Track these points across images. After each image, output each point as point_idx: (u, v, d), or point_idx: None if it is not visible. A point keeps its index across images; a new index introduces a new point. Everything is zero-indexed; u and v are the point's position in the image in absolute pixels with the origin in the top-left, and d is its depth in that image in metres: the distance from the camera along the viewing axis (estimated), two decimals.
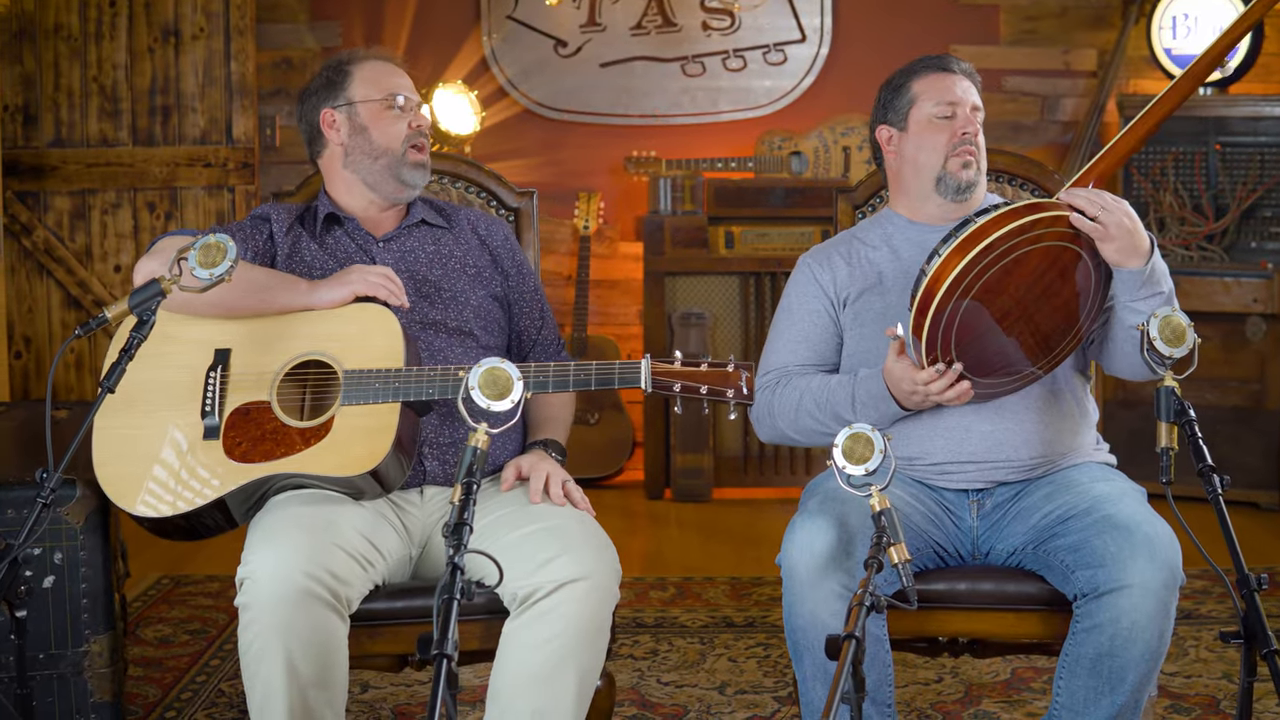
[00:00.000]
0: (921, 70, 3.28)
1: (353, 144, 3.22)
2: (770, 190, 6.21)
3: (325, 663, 2.77)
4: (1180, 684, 3.95)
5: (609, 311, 6.75)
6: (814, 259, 3.34)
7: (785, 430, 3.21)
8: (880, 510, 2.59)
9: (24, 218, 6.23)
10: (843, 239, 3.38)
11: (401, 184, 3.22)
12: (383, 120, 3.21)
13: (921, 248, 3.19)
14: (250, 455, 2.91)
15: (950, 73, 3.26)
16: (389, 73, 3.27)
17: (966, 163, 3.21)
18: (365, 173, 3.22)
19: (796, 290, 3.32)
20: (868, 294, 3.24)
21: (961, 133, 3.21)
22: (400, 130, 3.21)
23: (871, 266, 3.27)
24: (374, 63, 3.28)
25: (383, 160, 3.21)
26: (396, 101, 3.21)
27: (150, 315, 2.73)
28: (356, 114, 3.22)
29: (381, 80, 3.24)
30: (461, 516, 2.44)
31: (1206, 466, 2.64)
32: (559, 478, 3.05)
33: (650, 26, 6.64)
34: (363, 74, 3.25)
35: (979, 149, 3.24)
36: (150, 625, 4.49)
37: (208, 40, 6.29)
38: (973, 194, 3.24)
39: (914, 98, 3.25)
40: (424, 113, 3.27)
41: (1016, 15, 6.65)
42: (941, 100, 3.24)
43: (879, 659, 2.93)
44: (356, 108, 3.22)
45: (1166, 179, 5.89)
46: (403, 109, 3.21)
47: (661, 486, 6.19)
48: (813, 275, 3.31)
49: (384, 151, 3.20)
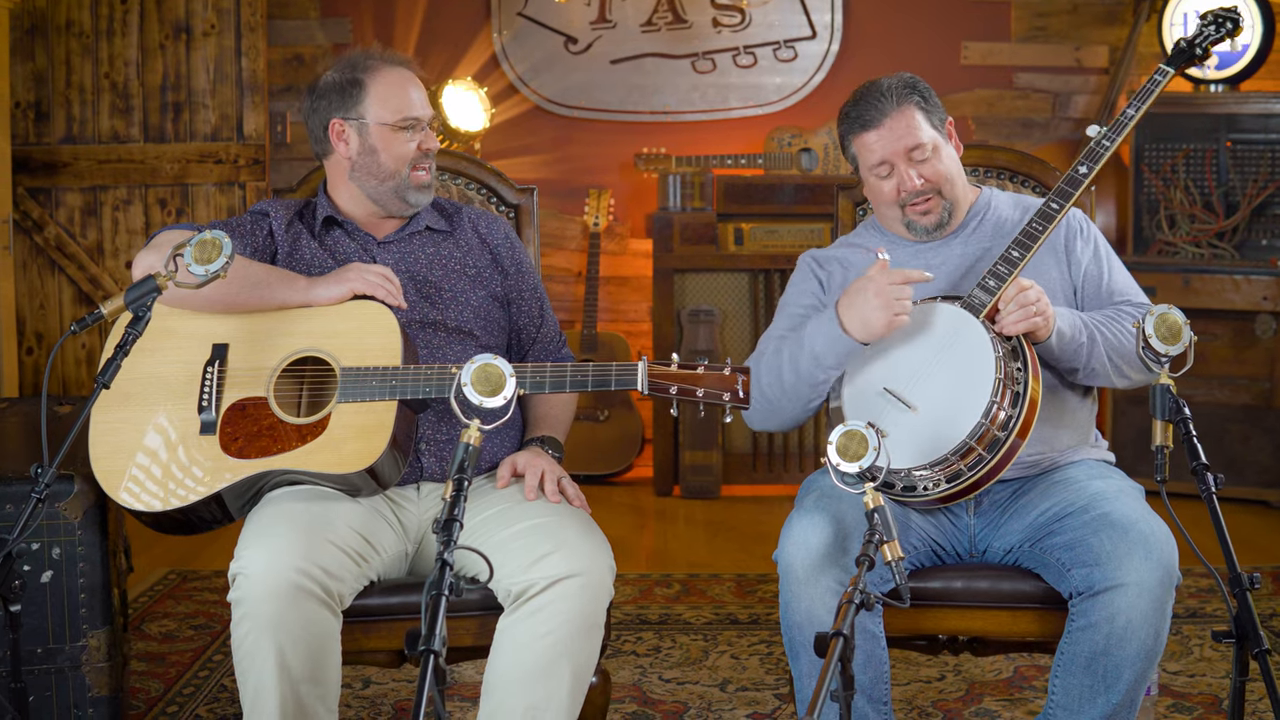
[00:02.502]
0: (848, 130, 3.20)
1: (360, 161, 3.20)
2: (780, 187, 6.20)
3: (317, 658, 2.78)
4: (1184, 683, 3.93)
5: (619, 308, 6.75)
6: (815, 257, 3.35)
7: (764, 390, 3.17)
8: (874, 508, 2.59)
9: (36, 214, 6.25)
10: (842, 243, 3.38)
11: (405, 203, 3.22)
12: (393, 143, 3.18)
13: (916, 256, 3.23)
14: (246, 451, 2.92)
15: (869, 130, 3.15)
16: (403, 87, 3.20)
17: (925, 210, 3.19)
18: (370, 190, 3.21)
19: (794, 285, 3.34)
20: None
21: (903, 191, 3.17)
22: (408, 152, 3.18)
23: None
24: (389, 74, 3.20)
25: (389, 182, 3.19)
26: (409, 124, 3.18)
27: (146, 311, 2.75)
28: (368, 132, 3.18)
29: (396, 99, 3.18)
30: (452, 513, 2.45)
31: (1200, 465, 2.62)
32: (554, 475, 3.06)
33: (661, 23, 6.64)
34: (377, 89, 3.18)
35: (936, 186, 3.17)
36: (155, 620, 4.50)
37: (219, 37, 6.30)
38: (950, 221, 3.22)
39: (854, 155, 3.23)
40: (433, 127, 3.24)
41: (1028, 12, 6.63)
42: (872, 164, 3.18)
43: (875, 656, 2.93)
44: (369, 126, 3.18)
45: (1177, 176, 5.87)
46: (414, 130, 3.19)
47: (670, 483, 6.19)
48: (811, 272, 3.32)
49: (391, 174, 3.19)
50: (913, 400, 2.98)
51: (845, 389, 3.08)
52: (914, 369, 3.01)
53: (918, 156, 3.15)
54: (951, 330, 3.00)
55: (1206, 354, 5.80)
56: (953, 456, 2.91)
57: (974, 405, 2.90)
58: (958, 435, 2.90)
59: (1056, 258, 3.21)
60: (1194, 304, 5.70)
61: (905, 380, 3.00)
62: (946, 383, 2.97)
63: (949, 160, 3.20)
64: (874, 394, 3.02)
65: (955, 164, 3.22)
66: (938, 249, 3.24)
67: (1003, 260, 3.02)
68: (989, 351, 2.93)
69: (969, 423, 2.89)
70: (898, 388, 3.00)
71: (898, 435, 2.93)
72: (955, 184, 3.21)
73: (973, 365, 2.94)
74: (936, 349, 3.00)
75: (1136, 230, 5.98)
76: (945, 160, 3.19)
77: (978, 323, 2.97)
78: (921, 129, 3.15)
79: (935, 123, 3.18)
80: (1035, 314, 2.96)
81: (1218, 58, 5.99)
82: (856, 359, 3.06)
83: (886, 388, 3.01)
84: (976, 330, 2.97)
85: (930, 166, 3.16)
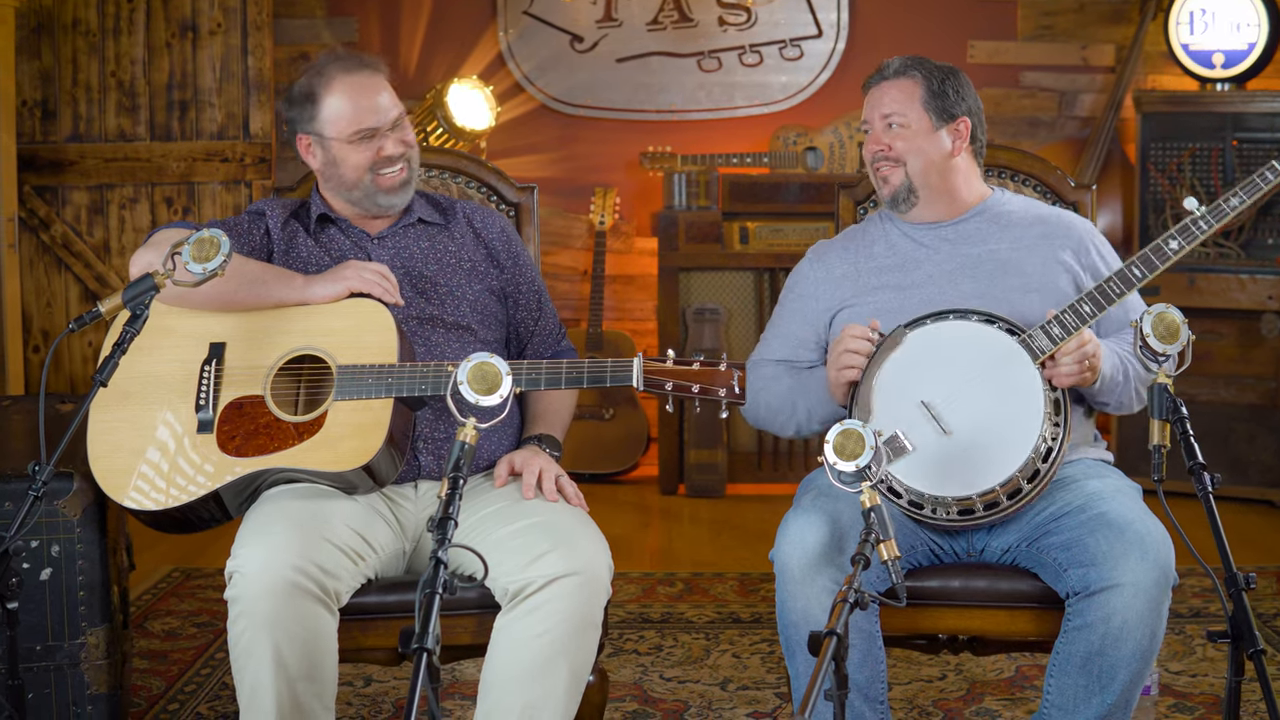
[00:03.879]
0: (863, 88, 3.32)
1: (326, 172, 3.21)
2: (785, 186, 6.19)
3: (313, 656, 2.78)
4: (1186, 683, 3.92)
5: (625, 307, 6.75)
6: (814, 255, 3.36)
7: (754, 409, 3.28)
8: (870, 507, 2.59)
9: (42, 212, 6.26)
10: (848, 234, 3.38)
11: (379, 206, 3.21)
12: (350, 154, 3.15)
13: (916, 242, 3.24)
14: (243, 449, 2.93)
15: (869, 89, 3.28)
16: (356, 97, 3.15)
17: (884, 178, 3.24)
18: (343, 196, 3.22)
19: (789, 288, 3.37)
20: (866, 289, 3.24)
21: (867, 150, 3.26)
22: (365, 160, 3.15)
23: (870, 262, 3.27)
24: (342, 83, 3.15)
25: (355, 191, 3.19)
26: (363, 135, 3.14)
27: (144, 310, 2.77)
28: (328, 146, 3.17)
29: (349, 111, 3.14)
30: (446, 511, 2.45)
31: (1197, 464, 2.62)
32: (551, 473, 3.06)
33: (666, 22, 6.63)
34: (330, 103, 3.15)
35: (900, 158, 3.21)
36: (159, 618, 4.51)
37: (225, 35, 6.31)
38: (909, 201, 3.24)
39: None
40: (403, 126, 3.19)
41: (1034, 10, 6.61)
42: (861, 120, 3.30)
43: (871, 655, 2.92)
44: (327, 140, 3.17)
45: (1183, 175, 5.85)
46: (371, 140, 3.15)
47: (675, 482, 6.18)
48: (808, 271, 3.33)
49: (354, 184, 3.18)
50: (948, 423, 2.98)
51: (880, 376, 3.04)
52: (956, 389, 2.99)
53: (894, 122, 3.20)
54: (1004, 362, 2.99)
55: (1212, 353, 5.78)
56: (976, 497, 2.93)
57: (1008, 458, 2.93)
58: (981, 480, 2.93)
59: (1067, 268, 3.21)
60: (1199, 303, 5.69)
61: (945, 398, 2.99)
62: (984, 417, 2.97)
63: (928, 145, 3.21)
64: (910, 401, 3.01)
65: (938, 153, 3.22)
66: (932, 231, 3.26)
67: (1071, 311, 3.00)
68: (1037, 407, 2.94)
69: (998, 473, 2.92)
70: (936, 404, 2.99)
71: (923, 453, 2.96)
72: (927, 170, 3.22)
73: (1016, 411, 2.95)
74: (984, 375, 2.99)
75: (1142, 229, 5.96)
76: (922, 142, 3.20)
77: (1034, 369, 2.97)
78: (906, 104, 3.19)
79: (935, 108, 3.20)
80: (1087, 369, 2.98)
81: (1224, 55, 5.99)
82: (904, 350, 3.05)
83: (924, 401, 3.00)
84: (1030, 376, 2.97)
85: (900, 139, 3.20)
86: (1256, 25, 5.89)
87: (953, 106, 3.21)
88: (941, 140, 3.21)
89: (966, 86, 3.25)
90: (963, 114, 3.22)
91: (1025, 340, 2.99)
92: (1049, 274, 3.17)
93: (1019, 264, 3.19)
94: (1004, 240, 3.22)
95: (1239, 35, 5.95)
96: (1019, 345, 2.99)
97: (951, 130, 3.22)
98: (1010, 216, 3.27)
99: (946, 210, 3.26)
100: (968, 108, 3.23)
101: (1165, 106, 5.97)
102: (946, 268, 3.21)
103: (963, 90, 3.23)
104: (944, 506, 2.95)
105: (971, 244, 3.23)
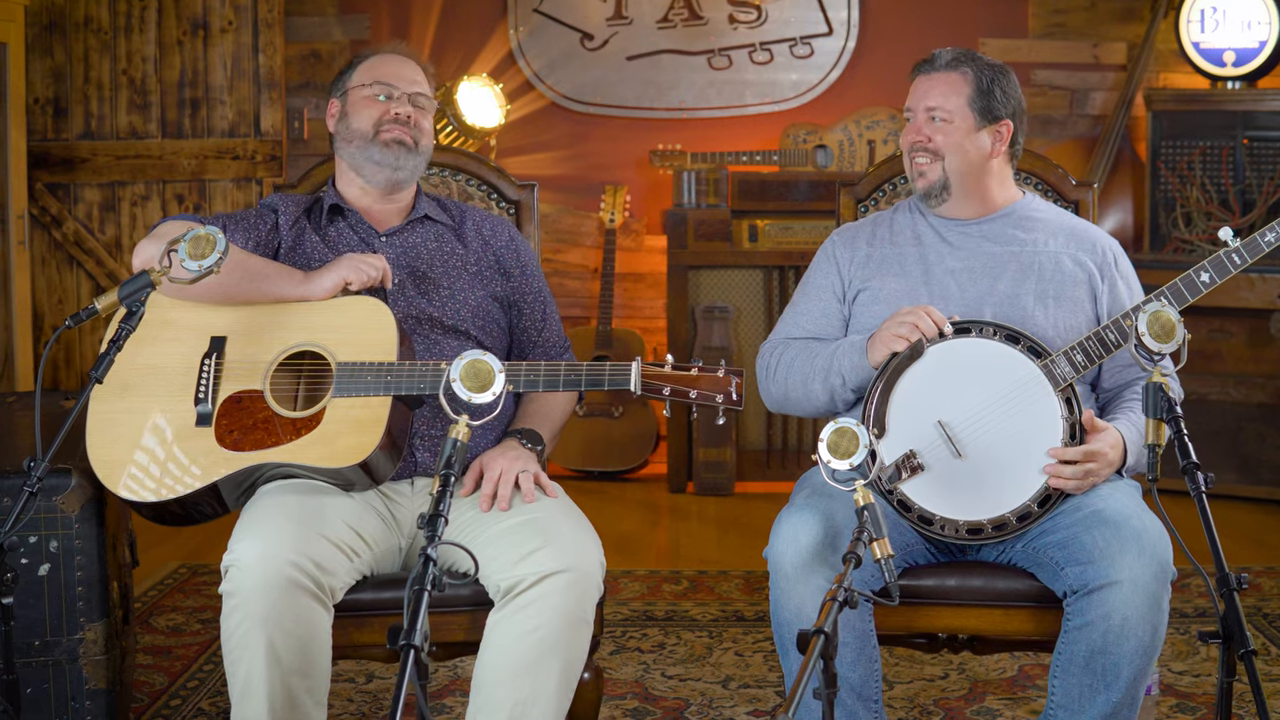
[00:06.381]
0: (912, 74, 3.30)
1: (339, 130, 3.28)
2: (794, 184, 6.19)
3: (307, 651, 2.79)
4: (1188, 683, 3.91)
5: (635, 305, 6.75)
6: (839, 237, 3.38)
7: (782, 386, 3.25)
8: (863, 505, 2.59)
9: (54, 209, 6.29)
10: (876, 219, 3.39)
11: (374, 164, 3.23)
12: (362, 104, 3.24)
13: (941, 237, 3.25)
14: (241, 444, 2.93)
15: (917, 75, 3.26)
16: (391, 64, 3.29)
17: (920, 171, 3.24)
18: (349, 156, 3.26)
19: (815, 266, 3.37)
20: (887, 275, 3.24)
21: (907, 138, 3.24)
22: (374, 112, 3.22)
23: (894, 249, 3.27)
24: (383, 55, 3.31)
25: (356, 143, 3.23)
26: (379, 87, 3.24)
27: (139, 306, 2.78)
28: (347, 100, 3.27)
29: (377, 69, 3.27)
30: (437, 508, 2.45)
31: (1190, 464, 2.60)
32: (514, 471, 3.02)
33: (677, 19, 6.63)
34: (366, 65, 3.30)
35: (939, 152, 3.21)
36: (163, 614, 4.53)
37: (236, 33, 6.33)
38: (942, 196, 3.24)
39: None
40: (421, 104, 3.26)
41: (1045, 8, 6.60)
42: (905, 106, 3.29)
43: (865, 654, 2.92)
44: (348, 94, 3.27)
45: (1193, 173, 5.84)
46: (387, 96, 3.23)
47: (684, 480, 6.18)
48: (832, 253, 3.35)
49: (358, 134, 3.23)
50: (964, 446, 2.98)
51: (898, 390, 3.03)
52: (974, 412, 3.00)
53: (937, 115, 3.20)
54: (1024, 387, 3.00)
55: (1221, 352, 5.76)
56: (986, 520, 2.95)
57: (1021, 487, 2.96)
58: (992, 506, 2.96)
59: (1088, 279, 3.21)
60: (1208, 302, 5.62)
61: (962, 420, 2.99)
62: (1000, 444, 2.98)
63: (968, 143, 3.20)
64: (927, 420, 3.01)
65: (976, 152, 3.21)
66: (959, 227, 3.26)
67: (1095, 339, 3.00)
68: (1054, 438, 2.96)
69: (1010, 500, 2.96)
70: (953, 425, 2.99)
71: (935, 474, 2.98)
72: (963, 168, 3.22)
73: (1032, 440, 2.96)
74: (1003, 400, 3.00)
75: (1153, 228, 5.95)
76: (962, 139, 3.20)
77: (1054, 397, 2.98)
78: (952, 99, 3.19)
79: (981, 107, 3.19)
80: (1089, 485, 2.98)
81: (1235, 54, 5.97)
82: (924, 365, 3.04)
83: (941, 420, 3.00)
84: (1049, 405, 2.98)
85: (941, 133, 3.20)
86: (1267, 23, 5.87)
87: (998, 108, 3.20)
88: (981, 140, 3.21)
89: (1014, 88, 3.24)
90: (1006, 116, 3.21)
91: (1047, 366, 2.99)
92: (1068, 281, 3.17)
93: (1040, 268, 3.18)
94: (1028, 243, 3.22)
95: (1250, 33, 5.93)
96: (1040, 371, 2.99)
97: (993, 132, 3.21)
98: (1037, 222, 3.26)
99: (977, 209, 3.26)
100: (1012, 110, 3.22)
101: (1176, 105, 5.95)
102: (969, 264, 3.21)
103: (1010, 91, 3.22)
104: (953, 526, 2.97)
105: (996, 244, 3.23)
